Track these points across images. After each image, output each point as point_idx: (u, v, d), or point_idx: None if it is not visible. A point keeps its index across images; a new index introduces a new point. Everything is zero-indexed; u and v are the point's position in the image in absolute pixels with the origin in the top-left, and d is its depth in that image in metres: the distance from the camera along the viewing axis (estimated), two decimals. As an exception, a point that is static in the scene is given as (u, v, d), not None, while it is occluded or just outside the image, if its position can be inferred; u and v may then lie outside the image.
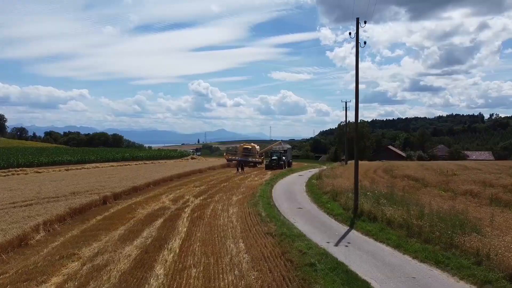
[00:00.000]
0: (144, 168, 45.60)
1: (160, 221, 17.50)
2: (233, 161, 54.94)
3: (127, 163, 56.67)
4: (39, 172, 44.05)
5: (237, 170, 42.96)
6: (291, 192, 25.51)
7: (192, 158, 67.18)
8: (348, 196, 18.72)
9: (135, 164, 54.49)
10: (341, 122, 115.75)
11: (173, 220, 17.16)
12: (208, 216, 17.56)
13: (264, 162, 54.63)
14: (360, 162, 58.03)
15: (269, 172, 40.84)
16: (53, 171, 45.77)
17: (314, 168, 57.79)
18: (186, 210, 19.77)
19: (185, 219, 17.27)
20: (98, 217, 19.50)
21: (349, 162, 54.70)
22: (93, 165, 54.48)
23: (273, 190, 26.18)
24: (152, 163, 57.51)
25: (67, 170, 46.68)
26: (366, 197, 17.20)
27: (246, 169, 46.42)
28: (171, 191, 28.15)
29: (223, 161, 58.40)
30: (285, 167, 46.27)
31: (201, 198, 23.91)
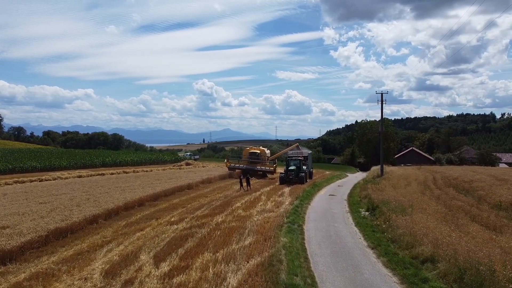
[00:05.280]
0: (115, 181, 33.59)
1: None
2: (237, 170, 42.87)
3: (102, 171, 44.84)
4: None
5: (241, 185, 30.85)
6: (344, 252, 13.16)
7: (187, 164, 55.01)
8: None
9: (111, 174, 42.60)
10: (363, 119, 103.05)
11: None
12: None
13: (276, 170, 42.47)
14: (388, 168, 45.37)
15: (286, 190, 28.60)
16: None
17: (339, 178, 45.62)
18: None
19: None
20: None
21: (381, 168, 41.86)
22: (59, 173, 42.68)
23: (307, 244, 13.95)
24: (134, 171, 45.55)
25: (13, 183, 34.90)
26: None
27: (253, 181, 34.33)
28: (124, 237, 16.11)
29: (223, 169, 46.31)
30: (306, 181, 33.96)
31: (167, 265, 11.87)
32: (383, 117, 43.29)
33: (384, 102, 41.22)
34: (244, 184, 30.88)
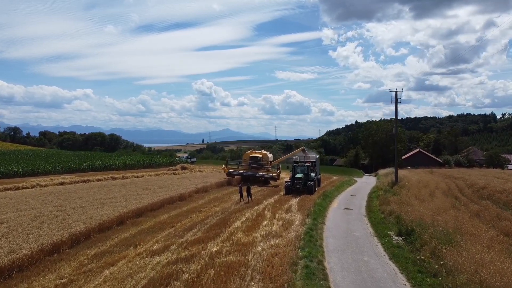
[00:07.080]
0: (97, 190, 29.53)
1: None
2: (236, 176, 38.91)
3: (88, 177, 40.76)
4: None
5: (241, 196, 26.88)
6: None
7: (183, 168, 50.92)
8: None
9: (97, 180, 38.56)
10: (368, 119, 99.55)
11: None
12: None
13: (279, 176, 38.53)
14: (400, 172, 40.17)
15: (294, 203, 24.59)
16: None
17: (349, 184, 41.70)
18: None
19: None
20: None
21: (396, 174, 37.60)
22: (40, 179, 38.50)
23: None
24: (123, 177, 41.49)
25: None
26: None
27: (254, 189, 30.33)
28: (87, 277, 12.11)
29: (221, 174, 42.32)
30: (315, 190, 29.96)
31: None
32: (397, 117, 39.41)
33: (399, 102, 37.37)
34: (245, 194, 26.92)
